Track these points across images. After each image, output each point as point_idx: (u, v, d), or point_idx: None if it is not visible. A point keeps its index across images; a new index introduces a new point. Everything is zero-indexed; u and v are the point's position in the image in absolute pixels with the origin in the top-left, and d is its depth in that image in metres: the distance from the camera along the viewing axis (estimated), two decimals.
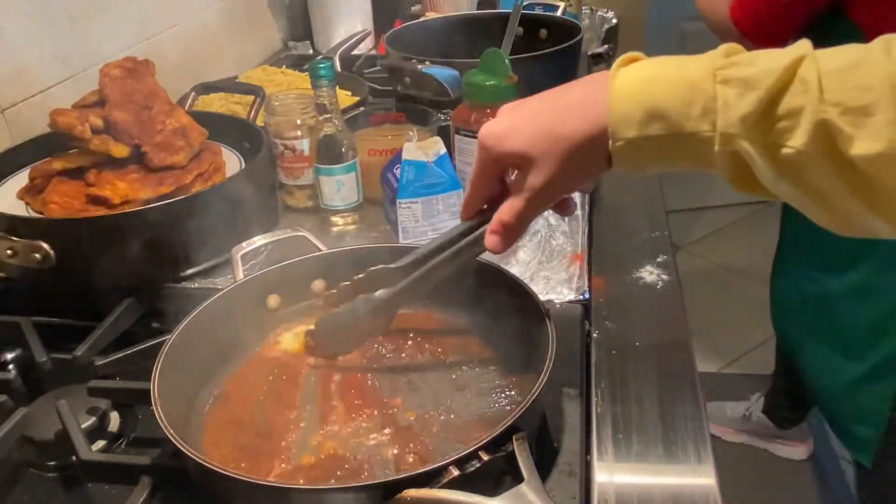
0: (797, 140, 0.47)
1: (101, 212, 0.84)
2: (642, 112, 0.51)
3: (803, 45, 0.49)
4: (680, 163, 0.53)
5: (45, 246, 0.79)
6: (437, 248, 0.64)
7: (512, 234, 0.60)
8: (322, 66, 0.91)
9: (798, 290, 1.37)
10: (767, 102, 0.47)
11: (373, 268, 0.66)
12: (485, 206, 0.62)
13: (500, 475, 0.53)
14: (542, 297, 0.68)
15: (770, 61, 0.48)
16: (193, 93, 1.19)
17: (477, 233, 0.62)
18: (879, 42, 0.47)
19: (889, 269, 1.10)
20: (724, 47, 0.51)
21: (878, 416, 1.29)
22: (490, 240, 0.60)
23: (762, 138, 0.48)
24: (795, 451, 1.89)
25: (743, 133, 0.48)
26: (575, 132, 0.54)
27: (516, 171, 0.58)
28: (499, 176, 0.60)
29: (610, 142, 0.53)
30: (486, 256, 0.65)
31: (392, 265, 0.65)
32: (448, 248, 0.64)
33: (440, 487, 0.49)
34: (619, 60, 0.55)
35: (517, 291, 0.68)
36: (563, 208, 0.64)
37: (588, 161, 0.56)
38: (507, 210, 0.59)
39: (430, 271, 0.64)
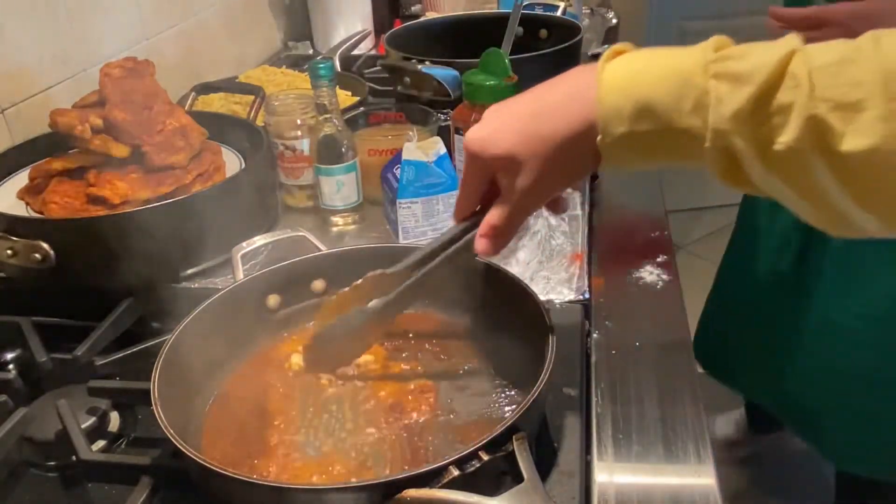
0: (787, 136, 0.46)
1: (101, 212, 0.84)
2: (632, 106, 0.50)
3: (793, 40, 0.48)
4: (668, 159, 0.53)
5: (45, 246, 0.79)
6: (431, 253, 0.63)
7: (502, 237, 0.59)
8: (322, 66, 0.91)
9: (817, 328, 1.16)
10: (759, 98, 0.47)
11: (371, 273, 0.64)
12: (478, 208, 0.62)
13: (500, 475, 0.53)
14: (542, 297, 0.68)
15: (761, 56, 0.47)
16: (193, 93, 1.19)
17: (468, 237, 0.61)
18: (869, 37, 0.46)
19: None
20: (713, 40, 0.50)
21: None
22: (480, 243, 0.60)
23: (753, 134, 0.48)
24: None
25: (734, 129, 0.48)
26: (561, 130, 0.54)
27: (504, 174, 0.58)
28: (488, 178, 0.60)
29: (599, 137, 0.52)
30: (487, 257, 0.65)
31: (389, 270, 0.64)
32: (441, 252, 0.63)
33: (440, 487, 0.49)
34: (606, 53, 0.54)
35: (517, 291, 0.68)
36: (556, 207, 0.63)
37: (575, 159, 0.55)
38: (495, 213, 0.58)
39: (422, 277, 0.64)
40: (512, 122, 0.56)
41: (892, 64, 0.44)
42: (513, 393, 0.65)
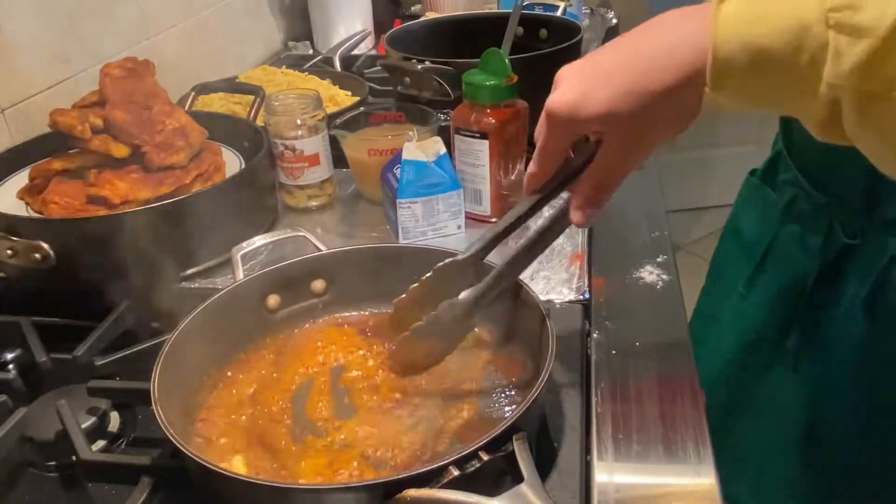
0: None
1: (101, 212, 0.84)
2: (748, 58, 0.47)
3: None
4: (772, 105, 0.50)
5: (45, 246, 0.79)
6: (506, 229, 0.61)
7: (598, 205, 0.57)
8: None
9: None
10: (877, 51, 0.44)
11: (440, 264, 0.62)
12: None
13: (500, 475, 0.53)
14: (542, 297, 0.68)
15: (881, 5, 0.44)
16: (193, 93, 1.19)
17: (556, 209, 0.59)
18: None
19: None
20: None
21: None
22: (576, 215, 0.58)
23: (863, 87, 0.45)
24: None
25: (848, 83, 0.45)
26: (666, 82, 0.50)
27: (600, 136, 0.55)
28: (571, 144, 0.57)
29: (706, 87, 0.49)
30: (487, 257, 0.65)
31: (460, 257, 0.62)
32: (520, 226, 0.61)
33: (440, 487, 0.49)
34: None
35: (517, 291, 0.68)
36: None
37: (679, 110, 0.52)
38: (591, 181, 0.56)
39: (516, 259, 0.61)
40: (606, 80, 0.52)
41: None
42: (513, 393, 0.65)
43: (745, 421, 0.99)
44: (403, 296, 0.64)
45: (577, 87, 0.53)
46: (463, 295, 0.62)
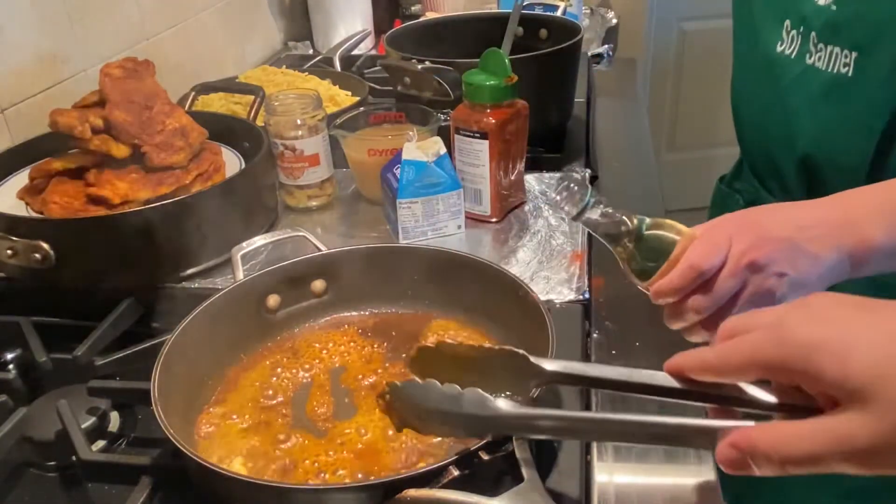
0: None
1: (101, 212, 0.84)
2: None
3: None
4: None
5: (45, 246, 0.79)
6: (610, 381, 0.49)
7: (764, 468, 0.39)
8: None
9: None
10: None
11: (512, 349, 0.51)
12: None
13: (500, 475, 0.53)
14: (542, 297, 0.68)
15: None
16: (193, 93, 1.19)
17: (696, 423, 0.44)
18: None
19: None
20: None
21: None
22: (726, 453, 0.40)
23: None
24: None
25: None
26: None
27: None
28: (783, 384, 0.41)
29: None
30: (483, 254, 0.64)
31: (539, 361, 0.50)
32: (629, 392, 0.49)
33: (440, 487, 0.49)
34: None
35: (517, 291, 0.68)
36: None
37: None
38: (779, 438, 0.38)
39: (597, 423, 0.48)
40: (879, 336, 0.37)
41: None
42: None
43: None
44: (453, 342, 0.54)
45: (839, 323, 0.38)
46: (502, 403, 0.48)
